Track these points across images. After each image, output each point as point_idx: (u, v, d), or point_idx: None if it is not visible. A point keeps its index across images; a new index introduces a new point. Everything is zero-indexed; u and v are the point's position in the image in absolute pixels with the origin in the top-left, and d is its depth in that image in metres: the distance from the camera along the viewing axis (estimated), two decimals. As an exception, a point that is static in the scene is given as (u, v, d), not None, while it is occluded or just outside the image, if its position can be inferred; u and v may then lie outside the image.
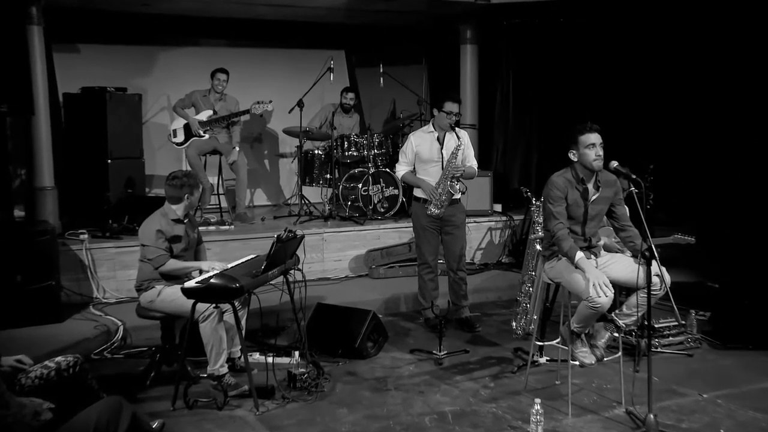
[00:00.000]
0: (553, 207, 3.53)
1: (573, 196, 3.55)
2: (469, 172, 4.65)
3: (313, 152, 6.85)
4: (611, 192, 3.62)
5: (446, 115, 4.52)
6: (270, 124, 7.91)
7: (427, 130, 4.69)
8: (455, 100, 4.55)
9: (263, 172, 7.97)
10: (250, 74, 7.47)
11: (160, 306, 3.79)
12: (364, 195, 6.43)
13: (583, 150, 3.50)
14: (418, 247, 4.82)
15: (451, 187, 4.48)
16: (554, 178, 3.58)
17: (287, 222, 6.27)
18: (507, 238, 6.60)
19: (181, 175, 3.89)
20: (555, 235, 3.51)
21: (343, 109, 7.23)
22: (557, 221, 3.52)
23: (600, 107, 6.46)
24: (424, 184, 4.62)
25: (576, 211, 3.56)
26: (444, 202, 4.51)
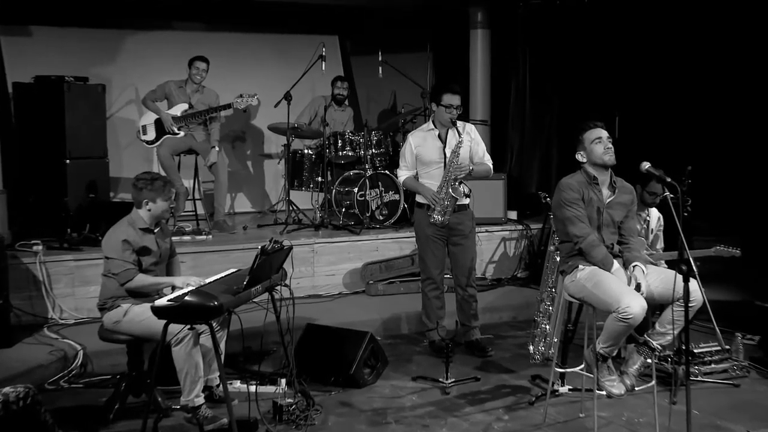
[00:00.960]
0: (571, 211, 3.55)
1: (588, 196, 3.60)
2: (481, 170, 4.67)
3: (303, 152, 6.87)
4: (628, 199, 3.67)
5: (445, 109, 4.55)
6: (254, 120, 7.94)
7: (427, 128, 4.71)
8: (454, 91, 4.58)
9: (246, 175, 7.99)
10: (231, 63, 7.51)
11: (126, 327, 3.79)
12: (361, 200, 6.45)
13: (589, 146, 3.61)
14: (421, 259, 4.84)
15: (454, 190, 4.50)
16: (566, 180, 3.64)
17: (273, 231, 6.28)
18: (523, 250, 6.61)
19: (148, 177, 3.90)
20: (583, 242, 3.51)
21: (335, 101, 7.26)
22: (581, 224, 3.54)
23: (630, 101, 6.49)
24: (424, 189, 4.64)
25: (591, 213, 3.60)
26: (447, 208, 4.53)
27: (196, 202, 6.71)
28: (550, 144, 7.36)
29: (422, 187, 4.65)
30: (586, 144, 3.64)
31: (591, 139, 3.62)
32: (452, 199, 4.51)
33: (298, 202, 6.81)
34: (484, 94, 7.46)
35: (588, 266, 3.55)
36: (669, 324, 3.46)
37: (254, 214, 7.57)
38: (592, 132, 3.63)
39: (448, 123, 4.55)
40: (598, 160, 3.60)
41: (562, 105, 7.22)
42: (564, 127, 7.20)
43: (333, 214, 6.65)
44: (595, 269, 3.52)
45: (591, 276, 3.50)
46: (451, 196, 4.50)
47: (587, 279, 3.52)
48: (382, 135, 6.80)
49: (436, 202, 4.53)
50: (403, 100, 7.91)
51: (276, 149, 7.92)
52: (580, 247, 3.55)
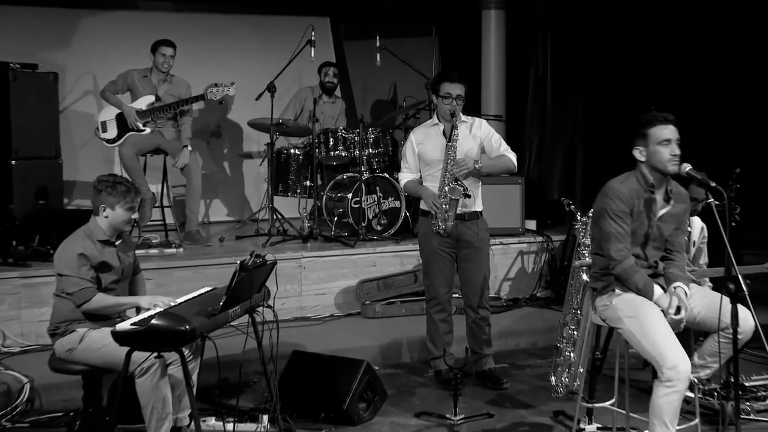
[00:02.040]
0: (614, 226, 3.53)
1: (640, 207, 3.57)
2: (500, 163, 4.64)
3: (288, 152, 6.88)
4: (682, 209, 3.66)
5: (443, 99, 4.58)
6: (232, 115, 7.95)
7: (431, 123, 4.74)
8: (453, 79, 4.60)
9: (222, 178, 7.99)
10: (205, 48, 7.53)
11: (82, 356, 3.79)
12: (356, 208, 6.46)
13: (654, 147, 3.52)
14: (426, 276, 4.84)
15: (451, 191, 4.51)
16: (617, 186, 3.58)
17: (254, 244, 6.29)
18: (543, 265, 6.62)
19: (111, 180, 3.90)
20: (619, 266, 3.52)
21: (324, 90, 7.29)
22: (620, 245, 3.53)
23: (668, 91, 6.48)
24: (424, 191, 4.67)
25: (639, 228, 3.58)
26: (449, 213, 4.55)
27: (165, 210, 6.70)
28: (574, 143, 7.38)
29: (422, 189, 4.67)
30: (650, 142, 3.52)
31: (658, 139, 3.49)
32: (452, 202, 4.53)
33: (283, 209, 6.81)
34: (498, 85, 7.48)
35: (626, 292, 3.56)
36: (711, 356, 3.48)
37: (232, 224, 7.57)
38: (662, 130, 3.50)
39: (448, 115, 4.58)
40: (661, 166, 3.51)
41: (588, 97, 7.24)
42: (591, 123, 7.21)
43: (323, 223, 6.64)
44: (636, 300, 3.52)
45: (631, 309, 3.50)
46: (450, 198, 4.52)
47: (626, 311, 3.52)
48: (380, 132, 6.81)
49: (436, 208, 4.55)
50: (405, 92, 7.92)
51: (257, 148, 7.92)
52: (615, 272, 3.56)
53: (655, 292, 3.49)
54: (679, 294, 3.47)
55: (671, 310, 3.43)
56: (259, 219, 7.08)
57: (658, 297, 3.48)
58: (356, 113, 7.80)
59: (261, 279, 3.91)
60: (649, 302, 3.49)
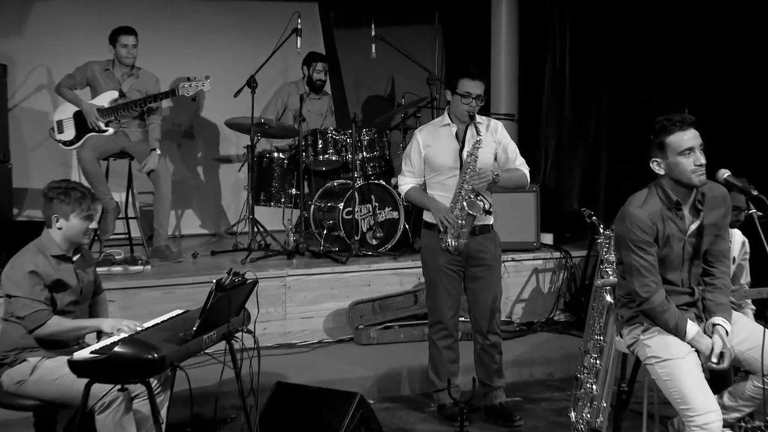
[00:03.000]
0: (637, 259, 3.51)
1: (668, 230, 3.54)
2: (515, 178, 4.65)
3: (272, 155, 6.89)
4: (719, 214, 3.63)
5: (462, 98, 4.58)
6: (206, 113, 7.96)
7: (441, 122, 4.74)
8: (474, 75, 4.59)
9: (196, 185, 7.99)
10: (175, 38, 7.54)
11: (34, 389, 3.76)
12: (348, 219, 6.46)
13: (674, 159, 3.46)
14: (430, 297, 4.83)
15: (470, 205, 4.49)
16: (635, 212, 3.53)
17: (232, 260, 6.29)
18: (561, 285, 6.63)
19: (63, 186, 3.88)
20: (645, 303, 3.52)
21: (312, 87, 7.30)
22: (645, 280, 3.52)
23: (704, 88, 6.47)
24: (433, 203, 4.65)
25: (671, 253, 3.57)
26: (463, 230, 4.53)
27: (130, 222, 6.70)
28: (597, 145, 7.37)
29: (431, 201, 4.65)
30: (668, 152, 3.46)
31: (678, 148, 3.43)
32: (469, 218, 4.51)
33: (265, 221, 6.81)
34: (509, 79, 7.49)
35: (655, 330, 3.57)
36: (746, 401, 3.50)
37: (207, 238, 7.57)
38: (681, 138, 3.42)
39: (465, 117, 4.58)
40: (685, 179, 3.46)
41: (613, 93, 7.23)
42: (617, 122, 7.20)
43: (311, 237, 6.62)
44: (667, 340, 3.53)
45: (661, 350, 3.51)
46: (468, 213, 4.50)
47: (655, 351, 3.53)
48: (375, 134, 6.82)
49: (448, 222, 4.53)
50: (404, 88, 7.93)
51: (236, 152, 7.92)
52: (641, 309, 3.56)
53: (689, 331, 3.48)
54: (720, 334, 3.46)
55: (713, 359, 3.43)
56: (237, 232, 7.07)
57: (692, 337, 3.48)
58: (348, 112, 7.82)
59: (240, 300, 3.90)
60: (682, 343, 3.49)
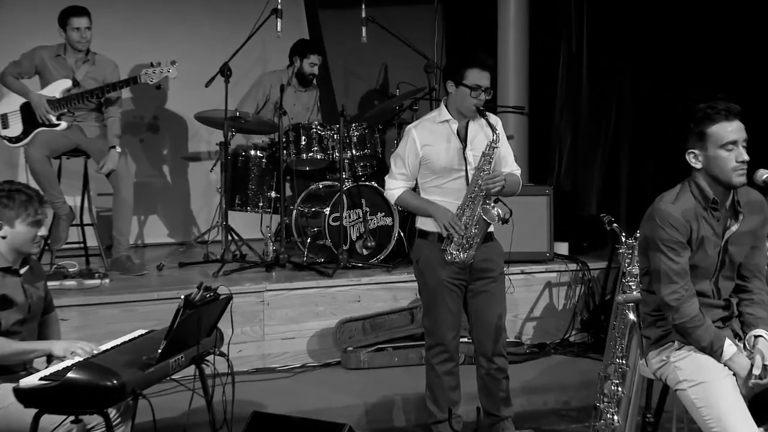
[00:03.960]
0: (666, 262, 3.53)
1: (702, 231, 3.56)
2: (513, 183, 4.67)
3: (248, 153, 6.89)
4: (757, 222, 3.66)
5: (470, 91, 4.57)
6: (173, 105, 7.95)
7: (440, 118, 4.71)
8: (485, 65, 4.58)
9: (162, 188, 7.98)
10: (137, 19, 7.53)
11: (-24, 419, 3.76)
12: (335, 226, 6.45)
13: (714, 152, 3.48)
14: (428, 316, 4.82)
15: (486, 212, 4.48)
16: (666, 208, 3.56)
17: (202, 273, 6.28)
18: (578, 301, 6.62)
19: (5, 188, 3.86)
20: (675, 314, 3.53)
21: (300, 80, 7.30)
22: (675, 286, 3.53)
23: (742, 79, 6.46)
24: (436, 209, 4.62)
25: (704, 259, 3.58)
26: (474, 240, 4.52)
27: (86, 229, 6.68)
28: (619, 142, 7.35)
29: (432, 205, 4.63)
30: (709, 144, 3.47)
31: (721, 140, 3.44)
32: (483, 225, 4.49)
33: (241, 229, 6.81)
34: (518, 67, 7.48)
35: (688, 349, 3.58)
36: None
37: (174, 247, 7.55)
38: (725, 129, 3.42)
39: (471, 112, 4.57)
40: (724, 177, 3.47)
41: (638, 83, 7.23)
42: (641, 115, 7.18)
43: (293, 247, 6.61)
44: (701, 361, 3.54)
45: (696, 373, 3.51)
46: (483, 220, 4.48)
47: (689, 374, 3.54)
48: (366, 129, 6.82)
49: (454, 230, 4.51)
50: (398, 77, 7.93)
51: (207, 149, 7.92)
52: (671, 322, 3.57)
53: (726, 351, 3.49)
54: (762, 350, 3.47)
55: (756, 371, 3.44)
56: (209, 241, 7.04)
57: (730, 357, 3.49)
58: (336, 104, 7.80)
59: (212, 319, 3.89)
60: (719, 364, 3.50)
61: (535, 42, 7.55)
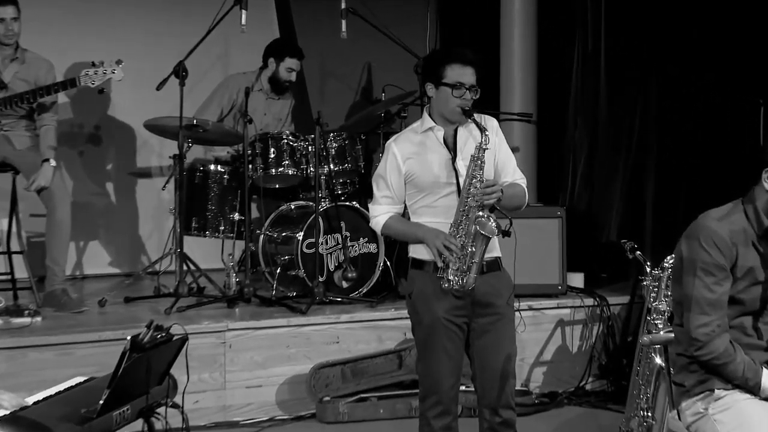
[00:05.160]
0: (702, 289, 3.55)
1: (750, 260, 3.59)
2: (512, 195, 4.66)
3: (207, 169, 6.90)
4: None
5: (452, 90, 4.57)
6: (119, 112, 7.95)
7: (421, 126, 4.70)
8: (465, 59, 4.56)
9: (105, 208, 7.98)
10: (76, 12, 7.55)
11: None
12: (310, 254, 6.46)
13: None
14: (422, 360, 4.79)
15: (482, 226, 4.45)
16: (712, 224, 3.59)
17: (152, 310, 6.28)
18: (596, 342, 6.64)
19: None
20: (703, 348, 3.54)
21: (273, 87, 7.34)
22: (707, 318, 3.55)
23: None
24: (426, 231, 4.58)
25: (748, 293, 3.61)
26: (473, 260, 4.50)
27: (13, 258, 6.69)
28: (643, 155, 7.39)
29: (420, 227, 4.62)
30: None
31: None
32: (481, 242, 4.47)
33: (198, 257, 6.80)
34: (525, 67, 7.52)
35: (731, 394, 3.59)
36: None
37: (119, 279, 7.50)
38: None
39: (457, 115, 4.57)
40: None
41: (666, 85, 7.26)
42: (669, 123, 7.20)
43: (260, 278, 6.60)
44: (747, 410, 3.55)
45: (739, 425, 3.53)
46: (481, 236, 4.46)
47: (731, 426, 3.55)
48: (346, 140, 6.85)
49: (450, 252, 4.50)
50: (384, 79, 7.95)
51: (159, 163, 7.92)
52: (702, 360, 3.59)
53: (765, 383, 3.52)
54: None
55: None
56: (160, 272, 7.02)
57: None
58: (310, 110, 7.82)
59: (163, 364, 3.88)
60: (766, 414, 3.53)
61: (545, 39, 7.60)
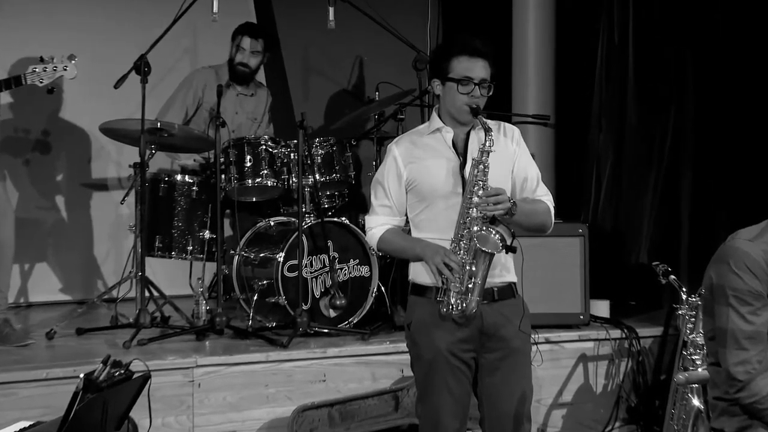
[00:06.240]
0: (737, 320, 3.61)
1: None
2: (536, 212, 4.65)
3: (173, 179, 6.92)
4: None
5: (459, 86, 4.60)
6: (70, 113, 7.99)
7: (428, 128, 4.72)
8: (476, 51, 4.57)
9: (54, 226, 8.01)
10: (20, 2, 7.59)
11: None
12: (291, 278, 6.48)
13: None
14: (422, 401, 4.81)
15: (482, 240, 4.43)
16: (741, 246, 3.67)
17: (109, 343, 6.29)
18: (624, 381, 6.67)
19: None
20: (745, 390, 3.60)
21: (235, 78, 7.38)
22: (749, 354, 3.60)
23: None
24: (425, 248, 4.57)
25: None
26: (476, 280, 4.50)
27: (-51, 283, 6.68)
28: (678, 164, 7.41)
29: (419, 243, 4.61)
30: None
31: None
32: (481, 261, 4.48)
33: (163, 282, 6.82)
34: (541, 64, 7.58)
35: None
36: None
37: (71, 307, 7.54)
38: None
39: (466, 115, 4.59)
40: None
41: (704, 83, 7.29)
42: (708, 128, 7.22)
43: (235, 306, 6.61)
44: None
45: None
46: (482, 253, 4.47)
47: None
48: (334, 146, 6.88)
49: (451, 270, 4.50)
50: (378, 77, 7.97)
51: (117, 173, 7.94)
52: (743, 403, 3.63)
53: None
54: None
55: None
56: (118, 299, 7.04)
57: None
58: (293, 112, 7.84)
59: (122, 406, 3.90)
60: None
61: (565, 29, 7.64)
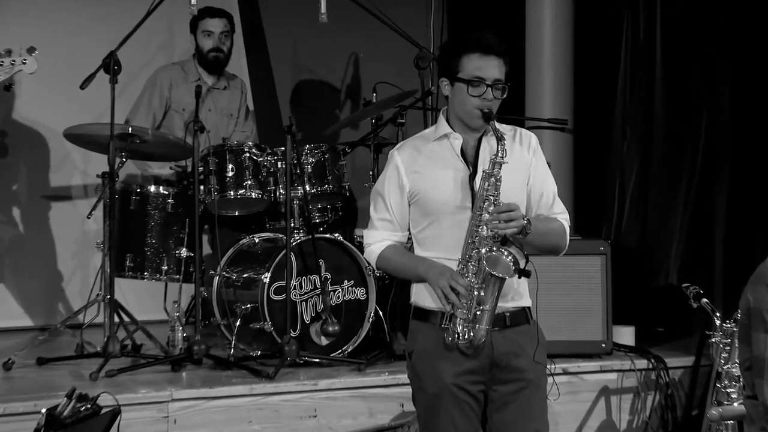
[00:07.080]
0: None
1: None
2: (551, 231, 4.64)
3: (146, 191, 6.93)
4: None
5: (469, 87, 4.60)
6: (30, 114, 8.04)
7: (435, 134, 4.72)
8: (487, 47, 4.60)
9: (11, 242, 8.06)
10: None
11: None
12: (278, 302, 6.50)
13: None
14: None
15: (491, 262, 4.43)
16: None
17: (74, 375, 6.30)
18: (651, 416, 6.68)
19: None
20: None
21: (208, 64, 7.42)
22: None
23: None
24: (429, 268, 4.56)
25: None
26: (485, 307, 4.50)
27: None
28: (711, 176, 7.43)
29: (423, 262, 4.61)
30: None
31: None
32: (490, 285, 4.48)
33: (134, 306, 6.84)
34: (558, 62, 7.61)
35: None
36: None
37: (31, 335, 7.56)
38: None
39: (476, 119, 4.60)
40: None
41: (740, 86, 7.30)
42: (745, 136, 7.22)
43: (215, 333, 6.63)
44: None
45: None
46: (492, 277, 4.47)
47: None
48: (326, 154, 6.90)
49: (457, 294, 4.51)
50: (376, 77, 7.97)
51: (83, 182, 7.95)
52: None
53: None
54: None
55: None
56: (84, 325, 7.04)
57: None
58: (280, 115, 7.86)
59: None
60: None
61: (584, 23, 7.66)
